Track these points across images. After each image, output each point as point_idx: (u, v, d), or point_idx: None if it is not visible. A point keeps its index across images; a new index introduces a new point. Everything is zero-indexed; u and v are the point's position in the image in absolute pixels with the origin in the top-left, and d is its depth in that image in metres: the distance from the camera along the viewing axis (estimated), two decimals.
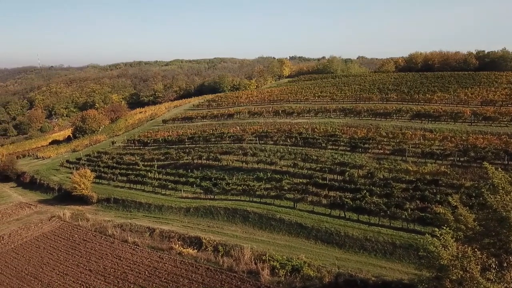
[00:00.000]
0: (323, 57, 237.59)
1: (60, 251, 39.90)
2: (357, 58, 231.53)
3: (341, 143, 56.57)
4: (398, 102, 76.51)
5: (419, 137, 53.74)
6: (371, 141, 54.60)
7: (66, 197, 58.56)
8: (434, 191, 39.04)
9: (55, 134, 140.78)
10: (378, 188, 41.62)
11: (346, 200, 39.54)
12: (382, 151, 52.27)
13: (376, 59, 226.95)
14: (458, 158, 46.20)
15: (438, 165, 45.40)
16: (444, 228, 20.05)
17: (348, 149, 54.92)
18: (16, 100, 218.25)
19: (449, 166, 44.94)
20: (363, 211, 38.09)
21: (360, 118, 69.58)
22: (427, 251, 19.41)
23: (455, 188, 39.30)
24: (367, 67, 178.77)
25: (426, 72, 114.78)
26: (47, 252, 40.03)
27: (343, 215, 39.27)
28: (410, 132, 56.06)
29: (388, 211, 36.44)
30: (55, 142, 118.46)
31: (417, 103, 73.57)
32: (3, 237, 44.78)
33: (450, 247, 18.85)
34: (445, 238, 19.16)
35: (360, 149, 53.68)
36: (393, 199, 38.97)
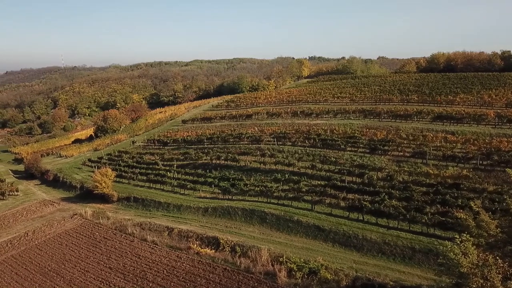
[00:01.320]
0: (343, 58, 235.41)
1: (82, 248, 40.85)
2: (377, 59, 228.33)
3: (360, 145, 56.05)
4: (419, 104, 75.16)
5: (441, 140, 52.73)
6: (390, 143, 53.90)
7: (87, 195, 59.88)
8: (456, 195, 38.28)
9: (78, 133, 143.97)
10: (397, 191, 41.09)
11: (365, 203, 39.18)
12: (402, 154, 51.53)
13: (397, 59, 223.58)
14: (481, 162, 45.12)
15: (460, 169, 44.42)
16: (465, 235, 19.67)
17: (367, 151, 54.37)
18: (40, 99, 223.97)
19: (471, 169, 43.92)
20: (382, 214, 37.70)
21: (380, 119, 68.76)
22: (447, 258, 19.10)
23: (478, 192, 38.49)
24: (387, 68, 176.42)
25: (449, 73, 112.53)
26: (69, 249, 41.05)
27: (361, 218, 38.91)
28: (431, 135, 55.01)
29: (408, 215, 35.92)
30: (77, 141, 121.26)
31: (438, 105, 72.11)
32: (27, 234, 46.17)
33: (471, 254, 18.50)
34: (466, 245, 18.81)
35: (380, 151, 53.06)
36: (412, 202, 38.41)
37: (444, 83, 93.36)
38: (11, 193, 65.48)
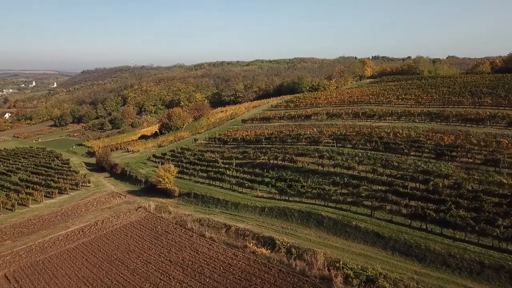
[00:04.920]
0: (408, 57, 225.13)
1: (145, 240, 43.02)
2: (446, 58, 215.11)
3: (426, 150, 53.26)
4: (493, 107, 69.69)
5: None
6: (459, 148, 50.65)
7: (151, 189, 62.92)
8: None
9: (144, 130, 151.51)
10: (465, 201, 38.52)
11: (429, 211, 37.17)
12: (471, 161, 48.22)
13: (469, 58, 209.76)
14: None
15: None
16: None
17: (433, 156, 51.54)
18: (112, 97, 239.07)
19: None
20: (447, 224, 35.54)
21: (448, 123, 64.91)
22: None
23: None
24: (458, 68, 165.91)
25: None
26: (133, 240, 43.42)
27: (424, 227, 37.00)
28: (506, 141, 50.80)
29: (477, 227, 33.55)
30: (143, 137, 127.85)
31: None
32: (97, 223, 49.56)
33: None
34: None
35: (447, 157, 50.07)
36: (483, 213, 35.74)
37: None
38: (83, 184, 70.67)
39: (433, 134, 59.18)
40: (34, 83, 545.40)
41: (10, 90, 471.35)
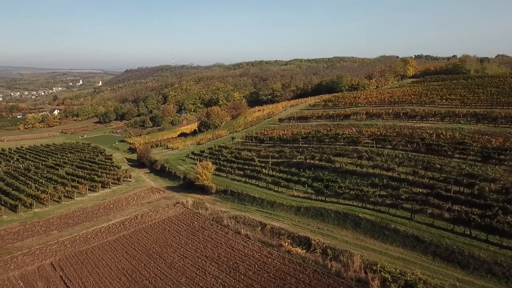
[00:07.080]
0: (454, 56, 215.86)
1: (182, 235, 43.93)
2: (495, 57, 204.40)
3: (471, 152, 50.92)
4: None
5: None
6: (508, 151, 48.00)
7: (189, 185, 64.16)
8: None
9: (183, 127, 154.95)
10: None
11: (473, 216, 35.46)
12: None
13: None
14: None
15: None
16: None
17: (479, 159, 49.16)
18: (153, 95, 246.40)
19: None
20: (493, 230, 33.79)
21: (496, 125, 61.65)
22: None
23: None
24: (508, 67, 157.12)
25: None
26: (171, 235, 44.45)
27: (468, 232, 35.36)
28: None
29: None
30: (182, 135, 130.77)
31: None
32: (136, 217, 51.14)
33: None
34: None
35: (494, 160, 47.59)
36: None
37: None
38: (125, 179, 73.18)
39: (480, 136, 56.47)
40: (81, 82, 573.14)
41: (59, 88, 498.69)
